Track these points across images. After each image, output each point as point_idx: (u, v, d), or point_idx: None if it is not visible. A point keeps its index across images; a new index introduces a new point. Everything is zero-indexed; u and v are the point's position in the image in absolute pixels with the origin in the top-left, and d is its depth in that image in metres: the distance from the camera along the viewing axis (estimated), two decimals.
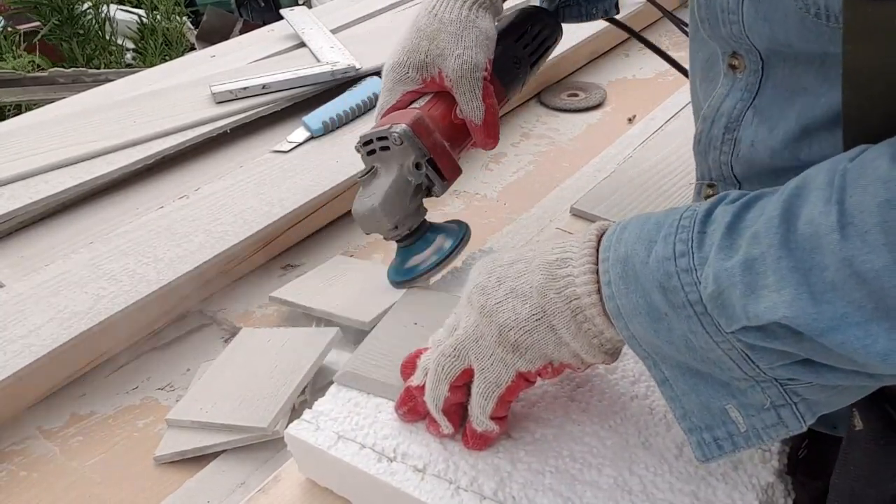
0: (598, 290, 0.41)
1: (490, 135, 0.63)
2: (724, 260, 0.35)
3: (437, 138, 0.61)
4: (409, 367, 0.51)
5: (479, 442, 0.47)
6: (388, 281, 0.67)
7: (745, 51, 0.45)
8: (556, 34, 0.73)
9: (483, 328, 0.44)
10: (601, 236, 0.43)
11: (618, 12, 0.76)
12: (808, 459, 0.48)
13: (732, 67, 0.46)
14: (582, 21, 0.75)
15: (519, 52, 0.68)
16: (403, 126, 0.60)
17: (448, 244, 0.64)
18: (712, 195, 0.50)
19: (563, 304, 0.42)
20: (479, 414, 0.46)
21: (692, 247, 0.37)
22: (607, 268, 0.40)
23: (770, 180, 0.43)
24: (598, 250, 0.42)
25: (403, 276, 0.64)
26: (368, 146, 0.62)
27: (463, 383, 0.46)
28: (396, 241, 0.65)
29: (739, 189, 0.49)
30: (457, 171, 0.63)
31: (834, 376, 0.35)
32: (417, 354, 0.50)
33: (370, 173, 0.63)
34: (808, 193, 0.34)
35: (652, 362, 0.41)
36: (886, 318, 0.31)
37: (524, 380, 0.45)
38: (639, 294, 0.39)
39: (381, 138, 0.61)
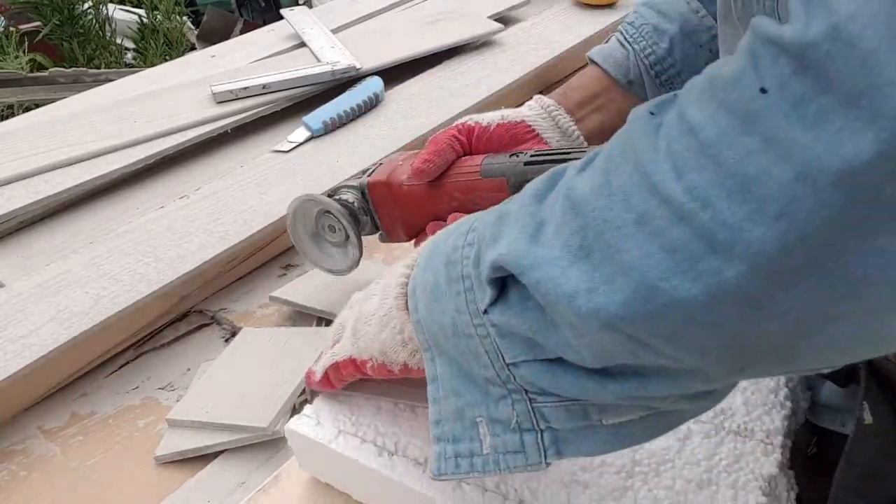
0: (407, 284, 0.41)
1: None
2: (487, 214, 0.35)
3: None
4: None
5: (307, 380, 0.50)
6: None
7: None
8: None
9: (354, 308, 0.47)
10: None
11: None
12: (817, 458, 0.48)
13: None
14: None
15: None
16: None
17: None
18: None
19: (388, 293, 0.43)
20: (323, 360, 0.48)
21: (480, 221, 0.36)
22: (421, 252, 0.40)
23: None
24: None
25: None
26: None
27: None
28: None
29: None
30: None
31: (568, 380, 0.33)
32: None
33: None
34: (592, 160, 0.32)
35: (430, 355, 0.39)
36: (586, 259, 0.28)
37: (353, 364, 0.46)
38: (431, 271, 0.38)
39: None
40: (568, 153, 0.59)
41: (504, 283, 0.34)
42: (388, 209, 0.66)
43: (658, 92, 0.66)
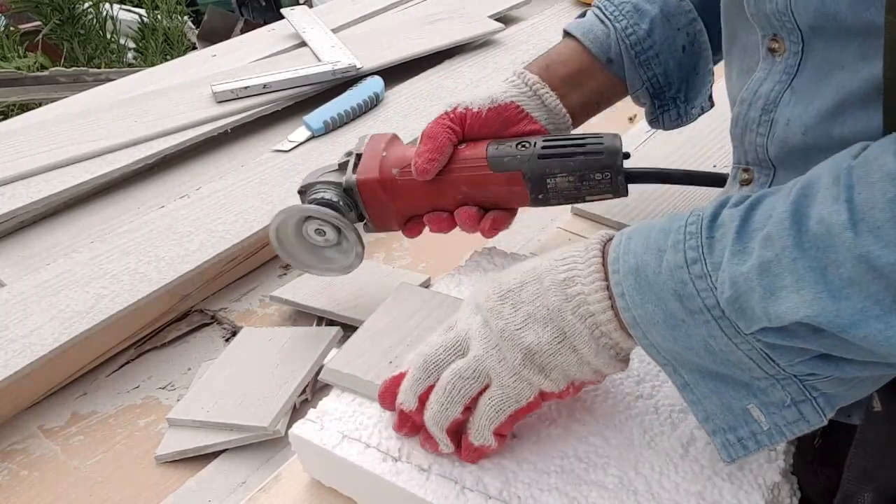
0: (612, 305, 0.42)
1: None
2: (739, 265, 0.36)
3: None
4: (388, 395, 0.49)
5: (474, 455, 0.46)
6: (388, 279, 0.67)
7: (787, 31, 0.45)
8: (609, 195, 0.61)
9: (506, 351, 0.44)
10: (604, 247, 0.43)
11: (712, 105, 0.69)
12: (823, 448, 0.49)
13: (772, 51, 0.47)
14: (681, 125, 0.70)
15: (557, 185, 0.59)
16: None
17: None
18: (748, 180, 0.51)
19: (580, 324, 0.42)
20: (485, 426, 0.45)
21: (703, 252, 0.38)
22: (619, 280, 0.41)
23: (802, 163, 0.44)
24: (603, 263, 0.43)
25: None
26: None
27: (473, 404, 0.46)
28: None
29: (774, 174, 0.50)
30: None
31: (853, 368, 0.36)
32: (396, 383, 0.48)
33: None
34: (815, 193, 0.35)
35: (672, 368, 0.42)
36: None
37: (542, 399, 0.45)
38: (654, 303, 0.39)
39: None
40: (582, 144, 0.59)
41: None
42: (380, 204, 0.64)
43: (635, 72, 0.66)
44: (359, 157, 0.66)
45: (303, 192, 0.67)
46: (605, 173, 0.59)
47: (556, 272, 0.44)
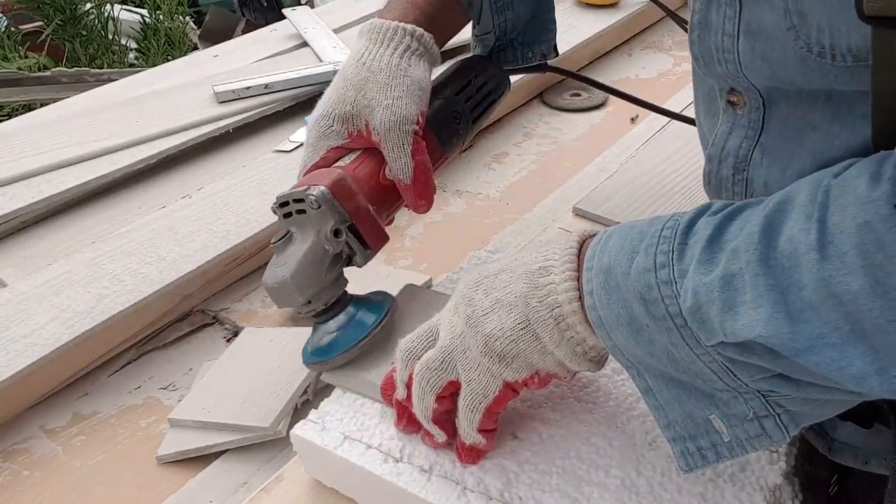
0: (580, 298, 0.41)
1: (420, 195, 0.56)
2: (704, 274, 0.35)
3: (360, 202, 0.54)
4: (389, 387, 0.50)
5: (471, 455, 0.46)
6: (390, 279, 0.67)
7: (744, 88, 0.43)
8: (502, 86, 0.67)
9: (469, 339, 0.44)
10: (582, 244, 0.43)
11: (556, 55, 0.72)
12: (839, 495, 0.48)
13: (731, 104, 0.45)
14: (518, 66, 0.70)
15: (459, 106, 0.62)
16: (322, 188, 0.52)
17: (370, 318, 0.56)
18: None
19: (545, 313, 0.42)
20: (467, 427, 0.45)
21: (672, 258, 0.37)
22: (590, 277, 0.40)
23: None
24: (579, 258, 0.42)
25: (319, 357, 0.55)
26: (285, 208, 0.54)
27: (449, 394, 0.46)
28: (312, 317, 0.56)
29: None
30: (382, 239, 0.56)
31: (814, 391, 0.35)
32: (394, 373, 0.49)
33: (284, 239, 0.55)
34: (791, 209, 0.34)
35: (636, 371, 0.41)
36: (862, 341, 0.31)
37: (511, 390, 0.45)
38: (620, 305, 0.39)
39: (297, 200, 0.53)
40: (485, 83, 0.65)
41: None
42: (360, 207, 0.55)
43: (490, 18, 0.65)
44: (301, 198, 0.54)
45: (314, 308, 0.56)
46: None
47: (532, 262, 0.43)
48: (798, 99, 0.41)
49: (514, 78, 0.71)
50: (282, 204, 0.54)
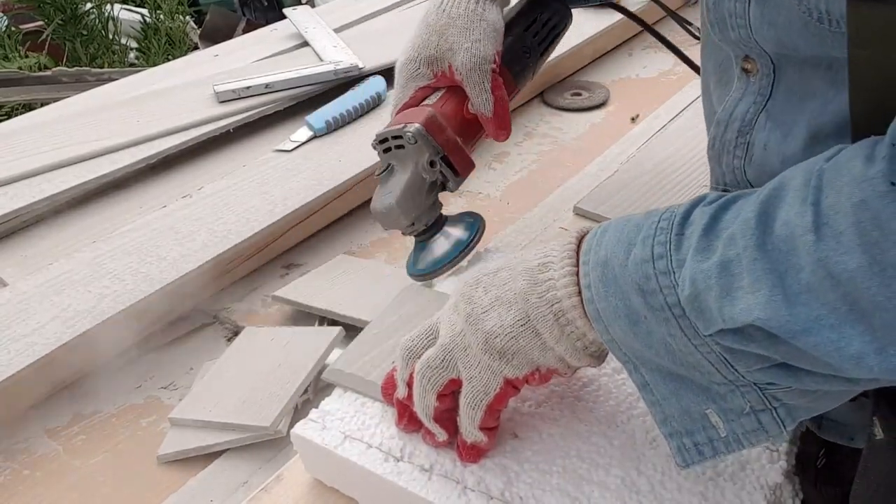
0: (579, 293, 0.41)
1: (501, 126, 0.63)
2: (701, 262, 0.35)
3: (449, 135, 0.61)
4: (389, 386, 0.50)
5: (472, 454, 0.47)
6: (391, 278, 0.67)
7: (757, 54, 0.44)
8: (565, 20, 0.72)
9: (469, 337, 0.44)
10: (581, 239, 0.43)
11: None
12: (826, 468, 0.48)
13: (745, 71, 0.46)
14: (586, 5, 0.74)
15: (528, 41, 0.68)
16: (417, 125, 0.60)
17: (465, 236, 0.65)
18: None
19: (545, 308, 0.42)
20: (468, 425, 0.45)
21: (670, 249, 0.37)
22: (587, 271, 0.40)
23: None
24: (578, 253, 0.42)
25: (426, 270, 0.65)
26: (384, 144, 0.63)
27: (450, 392, 0.46)
28: (414, 237, 0.66)
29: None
30: (470, 166, 0.64)
31: (812, 380, 0.35)
32: (394, 372, 0.50)
33: (387, 171, 0.64)
34: (786, 194, 0.34)
35: (632, 366, 0.41)
36: (860, 321, 0.31)
37: (512, 387, 0.45)
38: (618, 297, 0.39)
39: (395, 137, 0.61)
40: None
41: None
42: (449, 140, 0.63)
43: None
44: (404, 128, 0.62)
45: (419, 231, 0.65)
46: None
47: (531, 260, 0.44)
48: (803, 66, 0.42)
49: None
50: (381, 140, 0.63)
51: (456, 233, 0.65)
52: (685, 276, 0.36)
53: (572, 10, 0.73)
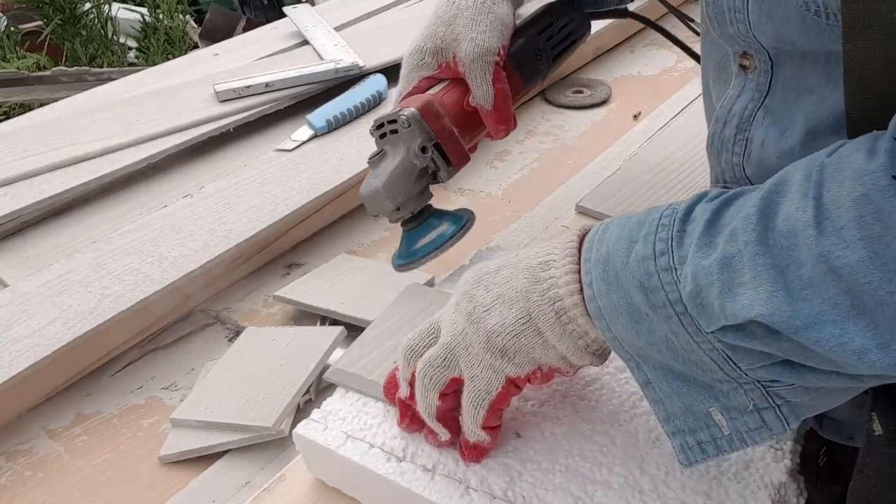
0: (581, 291, 0.41)
1: (501, 120, 0.62)
2: (703, 258, 0.35)
3: (445, 123, 0.61)
4: (392, 385, 0.50)
5: (475, 453, 0.46)
6: (392, 278, 0.67)
7: (755, 50, 0.44)
8: (582, 29, 0.72)
9: (471, 335, 0.44)
10: (583, 237, 0.43)
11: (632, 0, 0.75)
12: (827, 466, 0.48)
13: (743, 67, 0.46)
14: (598, 10, 0.73)
15: (541, 44, 0.68)
16: (412, 109, 0.60)
17: (450, 229, 0.63)
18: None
19: (547, 307, 0.42)
20: (471, 424, 0.45)
21: (672, 245, 0.37)
22: (589, 268, 0.40)
23: None
24: (580, 251, 0.42)
25: (404, 260, 0.64)
26: (380, 129, 0.63)
27: (452, 391, 0.46)
28: (400, 225, 0.65)
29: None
30: (464, 158, 0.63)
31: (815, 377, 0.35)
32: (396, 371, 0.50)
33: (379, 156, 0.63)
34: (787, 190, 0.34)
35: (635, 364, 0.41)
36: (862, 316, 0.30)
37: (514, 386, 0.45)
38: (619, 294, 0.38)
39: (391, 121, 0.61)
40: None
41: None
42: (444, 128, 0.62)
43: None
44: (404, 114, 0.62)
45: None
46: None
47: (533, 258, 0.44)
48: (801, 62, 0.42)
49: None
50: (378, 126, 0.62)
51: (440, 225, 0.64)
52: (687, 272, 0.36)
53: (591, 22, 0.73)
